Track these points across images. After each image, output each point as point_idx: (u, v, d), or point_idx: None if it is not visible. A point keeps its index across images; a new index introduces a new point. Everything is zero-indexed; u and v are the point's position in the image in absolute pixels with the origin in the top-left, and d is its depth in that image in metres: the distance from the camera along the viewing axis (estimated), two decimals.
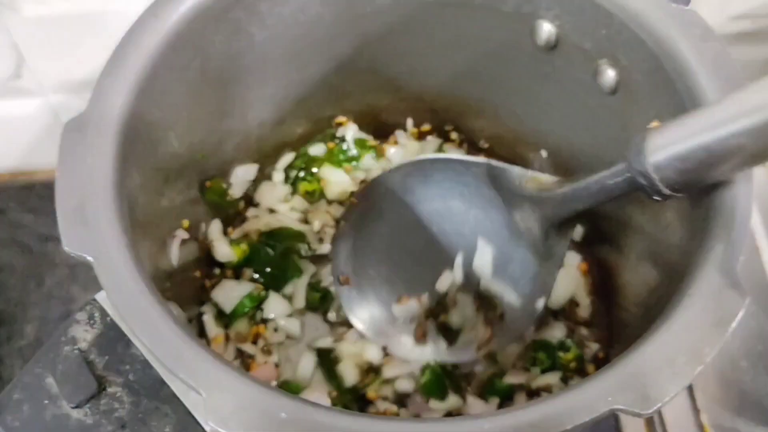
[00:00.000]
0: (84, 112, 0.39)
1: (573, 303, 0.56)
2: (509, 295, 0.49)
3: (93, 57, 0.43)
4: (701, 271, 0.35)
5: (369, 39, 0.53)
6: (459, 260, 0.50)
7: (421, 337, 0.50)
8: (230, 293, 0.52)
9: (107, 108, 0.39)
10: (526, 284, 0.48)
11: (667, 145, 0.35)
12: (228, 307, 0.52)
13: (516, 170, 0.48)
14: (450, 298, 0.50)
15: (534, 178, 0.47)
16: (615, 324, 0.55)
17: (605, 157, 0.41)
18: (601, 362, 0.53)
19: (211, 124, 0.49)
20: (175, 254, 0.47)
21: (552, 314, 0.56)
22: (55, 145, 0.38)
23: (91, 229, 0.35)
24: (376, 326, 0.51)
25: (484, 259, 0.50)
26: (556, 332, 0.54)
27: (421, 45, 0.54)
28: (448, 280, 0.50)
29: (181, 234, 0.48)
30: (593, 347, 0.54)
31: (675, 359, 0.32)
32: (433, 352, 0.50)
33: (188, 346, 0.32)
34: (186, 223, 0.49)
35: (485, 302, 0.50)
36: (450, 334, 0.50)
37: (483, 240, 0.50)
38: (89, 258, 0.34)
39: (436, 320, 0.50)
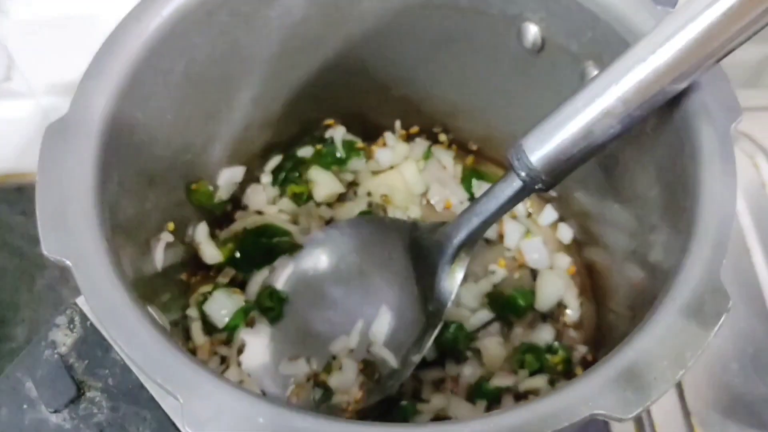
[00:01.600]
0: (65, 115, 0.38)
1: (561, 305, 0.56)
2: (392, 361, 0.49)
3: (82, 60, 0.43)
4: (685, 275, 0.35)
5: (356, 41, 0.52)
6: (359, 326, 0.51)
7: (295, 398, 0.50)
8: (222, 308, 0.51)
9: (89, 111, 0.39)
10: (410, 346, 0.49)
11: (543, 141, 0.39)
12: (220, 323, 0.51)
13: (436, 225, 0.50)
14: (337, 363, 0.50)
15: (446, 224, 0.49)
16: (604, 326, 0.55)
17: None
18: (590, 365, 0.52)
19: (196, 127, 0.49)
20: (159, 257, 0.47)
21: (540, 316, 0.55)
22: None
23: (71, 233, 0.35)
24: (261, 371, 0.50)
25: (381, 327, 0.50)
26: (545, 335, 0.54)
27: (409, 47, 0.54)
28: (342, 344, 0.50)
29: (166, 237, 0.48)
30: (581, 350, 0.54)
31: (657, 363, 0.32)
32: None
33: (166, 350, 0.32)
34: (171, 225, 0.49)
35: (368, 367, 0.50)
36: (324, 392, 0.50)
37: (386, 307, 0.51)
38: (68, 262, 0.34)
39: (316, 380, 0.50)
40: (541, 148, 0.39)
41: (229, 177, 0.55)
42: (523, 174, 0.40)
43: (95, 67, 0.40)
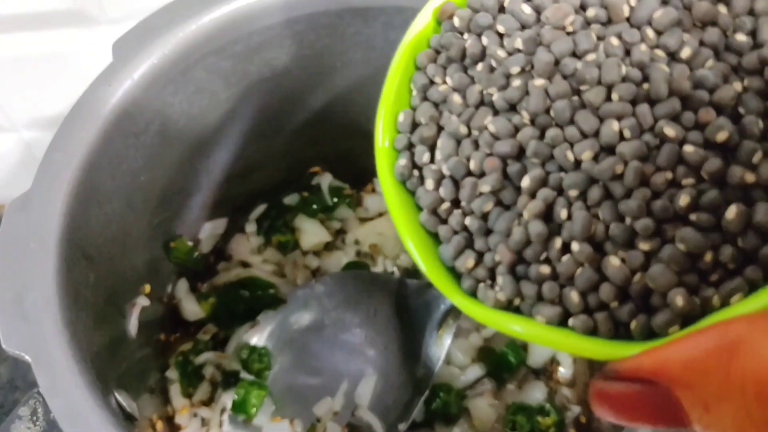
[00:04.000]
0: (28, 191, 0.37)
1: (555, 362, 0.54)
2: (378, 428, 0.48)
3: (64, 95, 0.42)
4: None
5: (341, 90, 0.51)
6: (344, 387, 0.49)
7: None
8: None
9: (53, 185, 0.37)
10: (396, 412, 0.48)
11: None
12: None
13: (423, 285, 0.48)
14: (321, 426, 0.48)
15: None
16: None
17: None
18: (583, 427, 0.51)
19: (173, 185, 0.47)
20: (134, 324, 0.45)
21: (533, 373, 0.54)
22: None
23: (31, 324, 0.33)
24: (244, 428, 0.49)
25: (366, 389, 0.49)
26: (537, 393, 0.52)
27: None
28: (326, 407, 0.48)
29: (142, 301, 0.46)
30: (575, 410, 0.52)
31: None
32: None
33: None
34: (148, 288, 0.47)
35: (352, 430, 0.49)
36: None
37: (371, 368, 0.49)
38: (27, 357, 0.32)
39: None
40: None
41: (210, 230, 0.53)
42: None
43: (61, 138, 0.38)
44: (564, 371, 0.53)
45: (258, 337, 0.51)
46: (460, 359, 0.53)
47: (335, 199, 0.58)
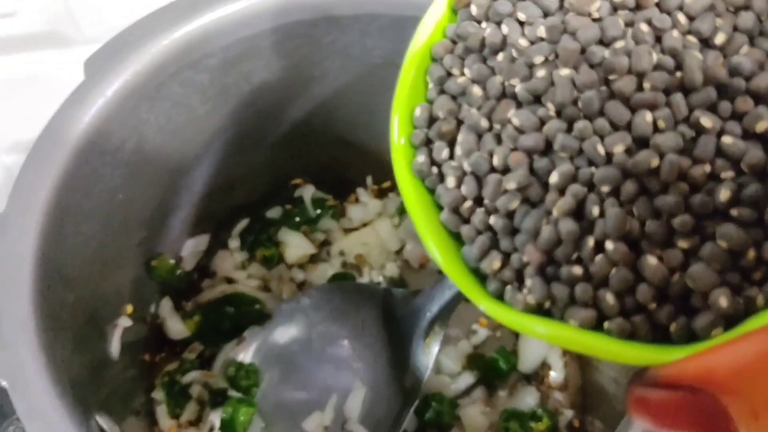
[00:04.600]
0: (2, 212, 0.36)
1: (546, 365, 0.53)
2: None
3: (44, 117, 0.41)
4: None
5: (321, 100, 0.50)
6: (333, 401, 0.48)
7: None
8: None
9: (28, 206, 0.36)
10: (386, 424, 0.47)
11: None
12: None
13: (409, 294, 0.48)
14: None
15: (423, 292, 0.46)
16: (589, 387, 0.52)
17: None
18: (576, 431, 0.50)
19: (153, 202, 0.47)
20: (116, 346, 0.44)
21: (525, 378, 0.53)
22: None
23: (7, 350, 0.32)
24: None
25: (356, 402, 0.48)
26: (529, 398, 0.52)
27: (376, 102, 0.51)
28: (316, 421, 0.48)
29: (124, 322, 0.45)
30: (568, 414, 0.51)
31: None
32: None
33: None
34: (129, 308, 0.46)
35: None
36: None
37: (360, 381, 0.48)
38: (4, 383, 0.32)
39: None
40: None
41: (193, 247, 0.52)
42: None
43: (33, 159, 0.38)
44: (555, 375, 0.53)
45: (245, 353, 0.51)
46: (450, 367, 0.53)
47: (318, 211, 0.57)
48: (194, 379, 0.50)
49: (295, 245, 0.56)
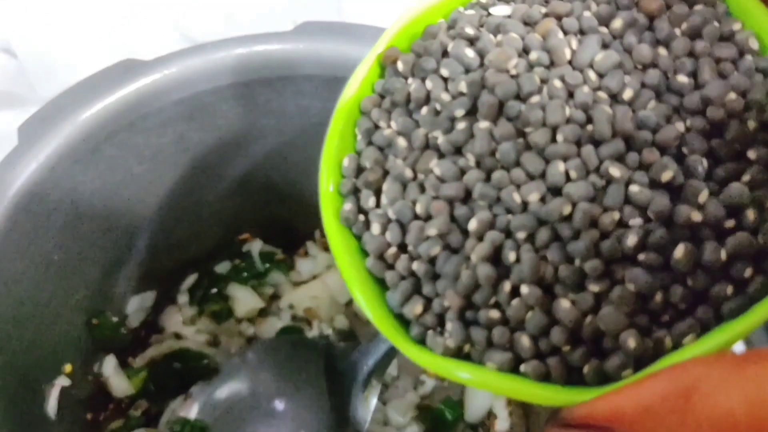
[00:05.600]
0: None
1: (492, 415, 0.53)
2: None
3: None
4: None
5: (259, 158, 0.51)
6: None
7: None
8: None
9: None
10: None
11: None
12: None
13: (350, 347, 0.48)
14: None
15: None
16: None
17: None
18: None
19: (92, 261, 0.47)
20: (53, 407, 0.44)
21: (471, 428, 0.53)
22: None
23: None
24: None
25: None
26: None
27: (315, 158, 0.52)
28: None
29: (62, 381, 0.45)
30: None
31: None
32: None
33: None
34: (68, 368, 0.46)
35: None
36: None
37: None
38: None
39: None
40: None
41: (138, 304, 0.53)
42: None
43: None
44: (501, 424, 0.53)
45: (191, 409, 0.51)
46: (398, 420, 0.53)
47: (267, 265, 0.58)
48: None
49: (244, 300, 0.56)
